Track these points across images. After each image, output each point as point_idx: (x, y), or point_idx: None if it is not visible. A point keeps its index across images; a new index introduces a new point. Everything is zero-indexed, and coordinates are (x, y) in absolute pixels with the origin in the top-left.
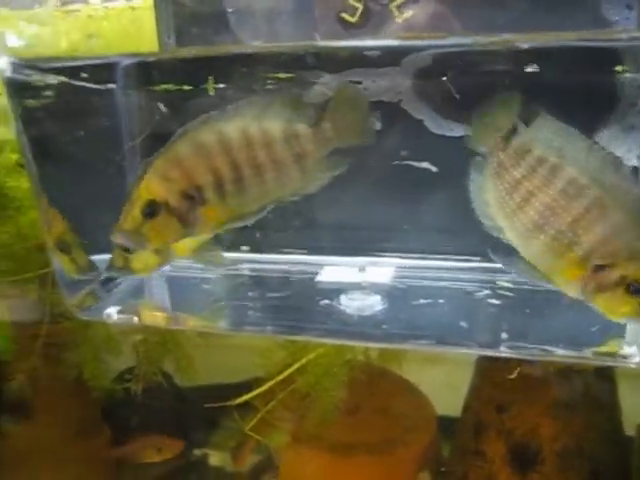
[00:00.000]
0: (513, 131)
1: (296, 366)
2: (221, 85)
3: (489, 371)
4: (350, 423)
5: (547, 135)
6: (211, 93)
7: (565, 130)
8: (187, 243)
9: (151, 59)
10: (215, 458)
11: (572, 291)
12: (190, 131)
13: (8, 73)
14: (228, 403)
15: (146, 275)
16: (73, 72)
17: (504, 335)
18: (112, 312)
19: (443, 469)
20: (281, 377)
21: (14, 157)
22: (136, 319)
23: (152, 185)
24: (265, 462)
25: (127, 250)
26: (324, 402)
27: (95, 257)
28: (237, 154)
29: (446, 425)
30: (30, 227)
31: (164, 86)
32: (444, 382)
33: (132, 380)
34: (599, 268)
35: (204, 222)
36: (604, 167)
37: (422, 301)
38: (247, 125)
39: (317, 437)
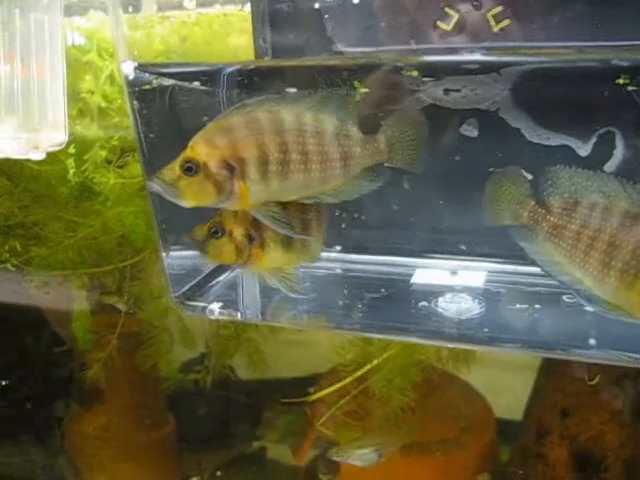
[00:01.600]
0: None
1: (371, 364)
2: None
3: (554, 375)
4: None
5: (579, 183)
6: None
7: (586, 173)
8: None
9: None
10: (274, 451)
11: None
12: (247, 105)
13: (131, 76)
14: (299, 399)
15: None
16: (185, 76)
17: (592, 341)
18: (215, 308)
19: (512, 470)
20: (354, 375)
21: (103, 153)
22: (239, 315)
23: (197, 146)
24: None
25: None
26: (394, 401)
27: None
28: (286, 137)
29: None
30: (115, 221)
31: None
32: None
33: (201, 372)
34: None
35: (239, 196)
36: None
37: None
38: (301, 112)
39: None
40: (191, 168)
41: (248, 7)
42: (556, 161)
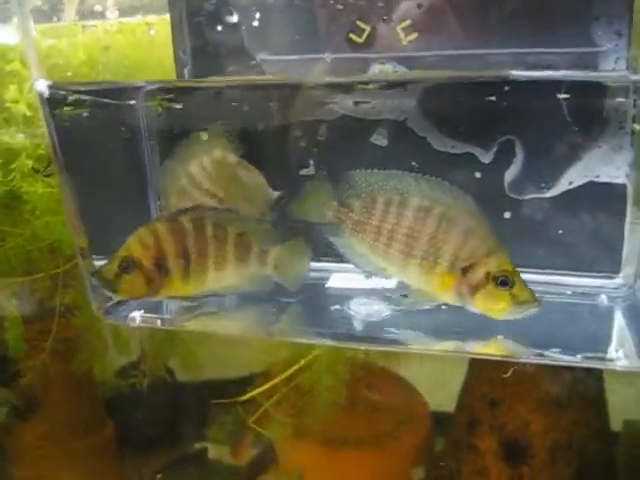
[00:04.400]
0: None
1: (300, 363)
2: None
3: (482, 368)
4: (345, 418)
5: (376, 182)
6: None
7: (382, 173)
8: None
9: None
10: (214, 451)
11: (455, 301)
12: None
13: (46, 95)
14: (232, 400)
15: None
16: (100, 93)
17: (500, 337)
18: (136, 315)
19: (442, 464)
20: (285, 374)
21: (30, 162)
22: (159, 322)
23: (132, 246)
24: (263, 455)
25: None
26: (324, 398)
27: None
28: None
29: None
30: (44, 230)
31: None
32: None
33: (137, 376)
34: (466, 270)
35: (165, 290)
36: (434, 188)
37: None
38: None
39: (314, 432)
40: (128, 267)
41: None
42: (460, 168)
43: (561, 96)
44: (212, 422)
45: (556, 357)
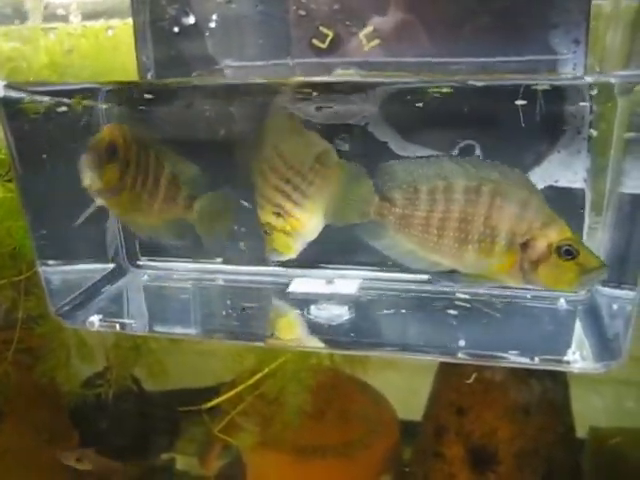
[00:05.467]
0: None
1: (265, 371)
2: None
3: (449, 376)
4: (313, 426)
5: (415, 171)
6: None
7: (420, 161)
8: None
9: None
10: (182, 462)
11: (518, 281)
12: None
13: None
14: (197, 407)
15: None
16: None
17: (461, 342)
18: (95, 320)
19: (407, 469)
20: (251, 382)
21: None
22: (118, 327)
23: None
24: (232, 466)
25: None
26: (290, 406)
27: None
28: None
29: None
30: (5, 235)
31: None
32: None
33: (103, 385)
34: (525, 246)
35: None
36: (479, 167)
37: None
38: None
39: (282, 440)
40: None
41: None
42: None
43: (520, 102)
44: (180, 432)
45: (514, 360)
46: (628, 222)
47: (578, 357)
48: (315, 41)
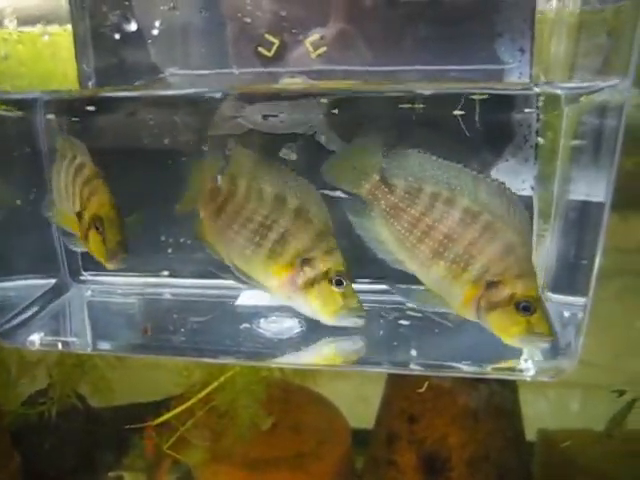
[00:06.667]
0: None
1: (214, 384)
2: None
3: (400, 384)
4: (265, 439)
5: (432, 170)
6: None
7: (438, 162)
8: None
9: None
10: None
11: (468, 313)
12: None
13: None
14: (145, 424)
15: None
16: None
17: (413, 353)
18: (35, 339)
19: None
20: (200, 395)
21: None
22: (60, 346)
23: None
24: None
25: None
26: (241, 419)
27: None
28: None
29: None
30: None
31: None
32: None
33: (46, 403)
34: (491, 285)
35: None
36: (492, 194)
37: None
38: None
39: (233, 454)
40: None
41: None
42: None
43: (460, 112)
44: (128, 449)
45: (467, 370)
46: (576, 229)
47: (530, 365)
48: (261, 49)
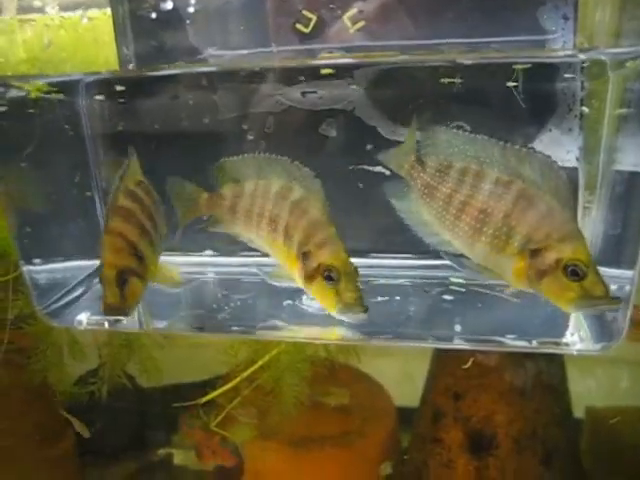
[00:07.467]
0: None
1: (259, 363)
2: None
3: (445, 361)
4: (311, 417)
5: (459, 145)
6: None
7: (466, 137)
8: None
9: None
10: (180, 457)
11: (523, 285)
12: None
13: None
14: (192, 403)
15: None
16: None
17: (458, 328)
18: (83, 318)
19: (405, 457)
20: (246, 374)
21: None
22: (107, 325)
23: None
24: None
25: None
26: (287, 397)
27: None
28: None
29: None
30: None
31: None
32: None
33: (96, 383)
34: (535, 253)
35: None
36: (522, 160)
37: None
38: None
39: (280, 432)
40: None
41: None
42: None
43: (510, 82)
44: (177, 428)
45: (512, 344)
46: (623, 200)
47: (576, 339)
48: (298, 25)
